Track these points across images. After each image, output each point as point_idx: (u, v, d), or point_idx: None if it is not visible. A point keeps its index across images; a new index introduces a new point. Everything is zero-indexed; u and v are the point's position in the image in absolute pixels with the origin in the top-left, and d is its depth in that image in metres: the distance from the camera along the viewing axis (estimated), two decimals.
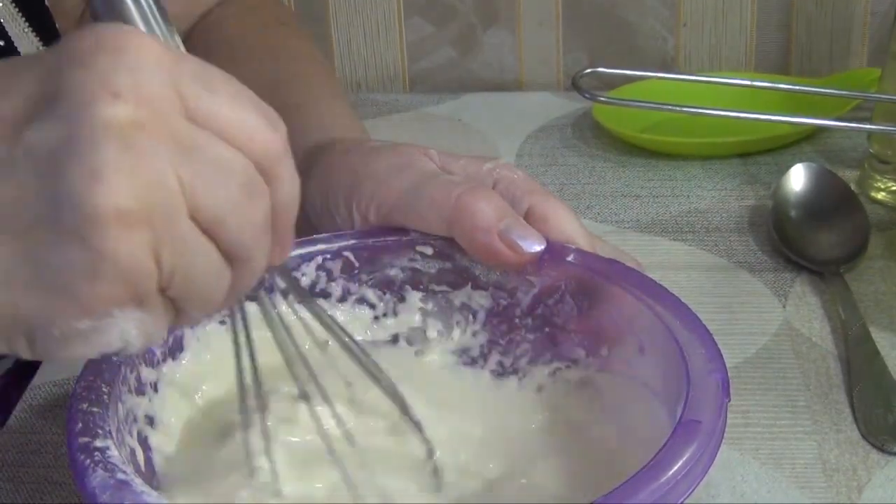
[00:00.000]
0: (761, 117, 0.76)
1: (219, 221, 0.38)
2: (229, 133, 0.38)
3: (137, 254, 0.37)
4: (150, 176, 0.36)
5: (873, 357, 0.61)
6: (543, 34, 1.02)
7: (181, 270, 0.38)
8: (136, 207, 0.36)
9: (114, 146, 0.36)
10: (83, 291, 0.37)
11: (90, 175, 0.36)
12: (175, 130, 0.37)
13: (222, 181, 0.38)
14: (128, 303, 0.38)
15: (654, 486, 0.40)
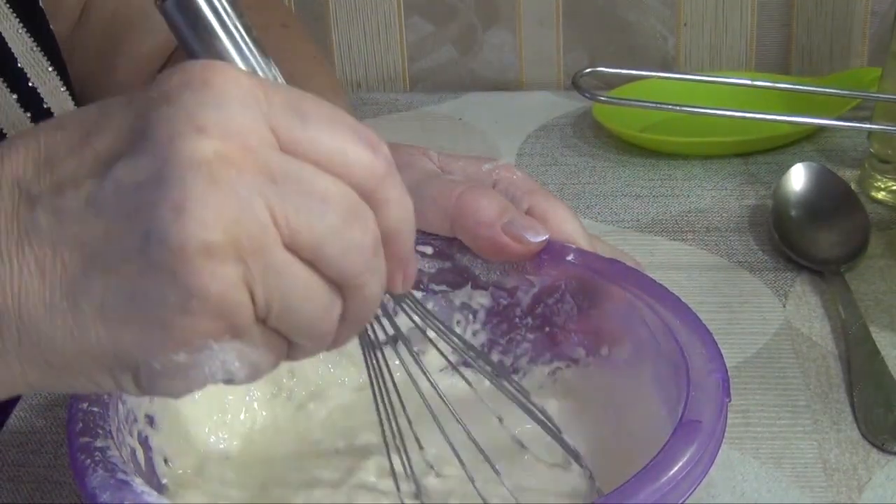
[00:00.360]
0: (761, 117, 0.76)
1: (317, 249, 0.38)
2: (326, 161, 0.38)
3: (227, 287, 0.36)
4: (237, 208, 0.36)
5: (873, 356, 0.61)
6: (544, 34, 1.02)
7: (278, 301, 0.38)
8: (223, 241, 0.36)
9: (199, 181, 0.36)
10: (176, 325, 0.37)
11: (175, 209, 0.36)
12: (265, 163, 0.37)
13: (318, 209, 0.37)
14: (224, 335, 0.38)
15: (655, 487, 0.40)
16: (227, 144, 0.36)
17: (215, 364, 0.38)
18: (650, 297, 0.50)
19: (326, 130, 0.38)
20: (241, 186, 0.36)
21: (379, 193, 0.39)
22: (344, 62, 1.04)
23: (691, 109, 0.70)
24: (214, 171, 0.36)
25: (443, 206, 0.53)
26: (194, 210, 0.36)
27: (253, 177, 0.37)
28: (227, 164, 0.36)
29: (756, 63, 1.01)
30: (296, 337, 0.39)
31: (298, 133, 0.38)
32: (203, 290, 0.36)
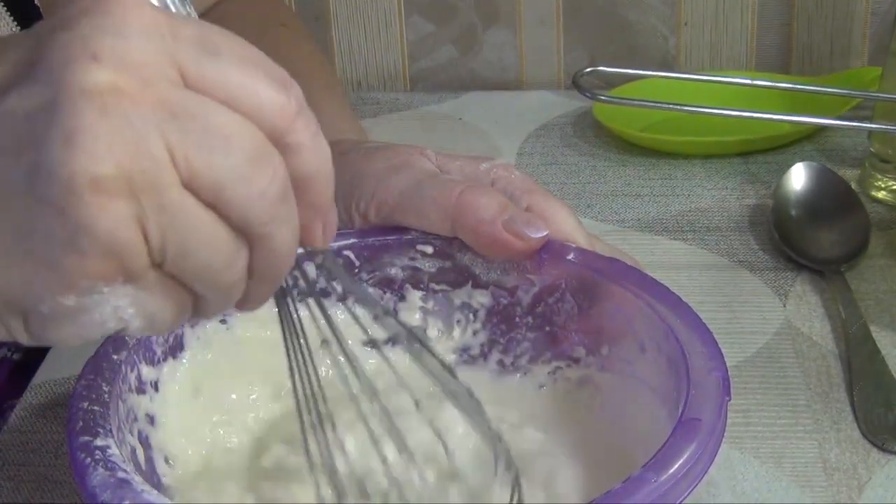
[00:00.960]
0: (762, 116, 0.76)
1: (219, 191, 0.36)
2: (234, 98, 0.36)
3: (118, 224, 0.35)
4: (131, 142, 0.34)
5: (874, 356, 0.61)
6: (544, 33, 1.02)
7: (174, 244, 0.36)
8: (114, 174, 0.34)
9: (91, 111, 0.34)
10: (64, 264, 0.35)
11: (65, 140, 0.34)
12: (164, 97, 0.35)
13: (221, 148, 0.35)
14: (116, 278, 0.36)
15: (655, 485, 0.40)
16: (122, 74, 0.35)
17: (106, 310, 0.36)
18: (650, 297, 0.50)
19: (236, 67, 0.37)
20: (136, 119, 0.34)
21: (290, 136, 0.37)
22: (344, 61, 1.04)
23: (692, 109, 0.70)
24: (107, 102, 0.34)
25: (443, 206, 0.53)
26: (84, 141, 0.34)
27: (150, 110, 0.35)
28: (122, 95, 0.34)
29: (756, 62, 1.01)
30: (198, 286, 0.37)
31: (205, 69, 0.36)
32: (91, 225, 0.34)
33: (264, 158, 0.36)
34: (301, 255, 0.41)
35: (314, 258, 0.44)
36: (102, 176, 0.34)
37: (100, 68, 0.35)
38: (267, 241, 0.37)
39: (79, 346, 0.38)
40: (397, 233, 0.55)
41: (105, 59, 0.35)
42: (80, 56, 0.35)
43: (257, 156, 0.36)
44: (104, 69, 0.35)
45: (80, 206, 0.34)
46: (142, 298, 0.37)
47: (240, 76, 0.37)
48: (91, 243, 0.35)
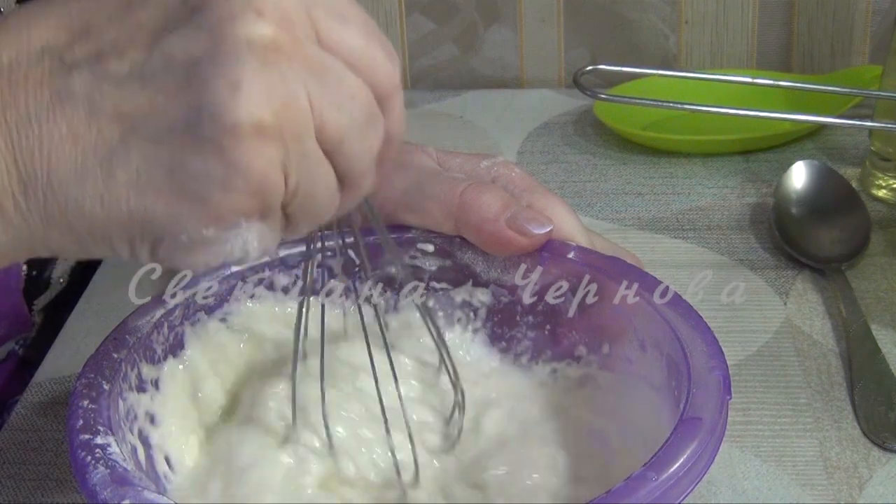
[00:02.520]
0: (763, 115, 0.76)
1: (340, 144, 0.39)
2: (355, 61, 0.40)
3: (270, 168, 0.38)
4: (286, 94, 0.37)
5: (874, 354, 0.61)
6: (545, 31, 1.02)
7: (303, 188, 0.39)
8: (272, 122, 0.37)
9: (254, 62, 0.37)
10: (215, 200, 0.38)
11: (231, 87, 0.37)
12: (308, 54, 0.38)
13: (347, 106, 0.39)
14: (255, 214, 0.39)
15: (656, 484, 0.40)
16: (280, 31, 0.38)
17: (237, 242, 0.39)
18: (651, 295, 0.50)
19: (360, 34, 0.40)
20: (289, 72, 0.38)
21: (390, 101, 0.42)
22: None
23: (692, 107, 0.70)
24: (269, 55, 0.37)
25: (446, 204, 0.53)
26: (250, 89, 0.37)
27: (299, 65, 0.38)
28: (279, 50, 0.38)
29: (757, 61, 1.01)
30: (300, 221, 0.41)
31: (335, 32, 0.39)
32: (249, 167, 0.37)
33: (375, 119, 0.41)
34: None
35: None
36: (263, 122, 0.37)
37: (264, 23, 0.37)
38: (356, 189, 0.42)
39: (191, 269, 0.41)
40: (398, 231, 0.55)
41: (267, 15, 0.38)
42: (246, 10, 0.38)
43: (371, 116, 0.40)
44: (267, 24, 0.38)
45: (241, 147, 0.37)
46: (265, 233, 0.40)
47: (362, 42, 0.40)
48: (245, 182, 0.38)
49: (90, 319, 0.69)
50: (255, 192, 0.38)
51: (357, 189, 0.42)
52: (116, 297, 0.70)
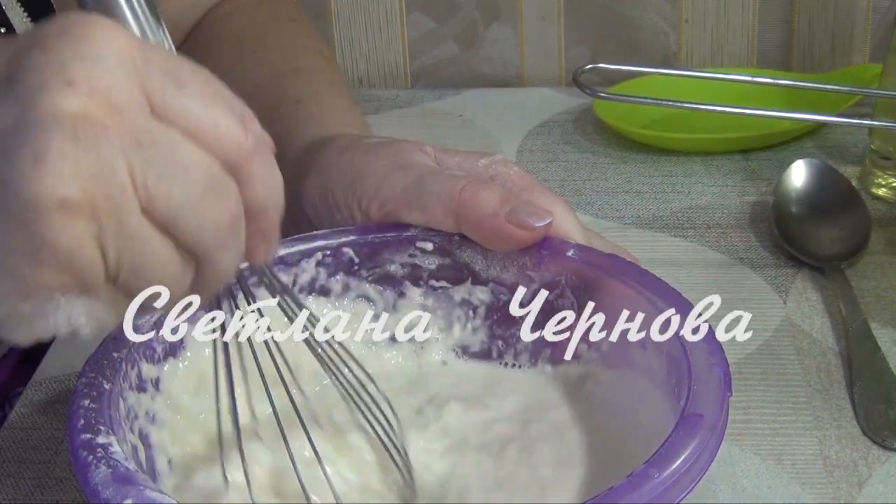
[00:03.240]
0: (763, 113, 0.76)
1: (174, 219, 0.37)
2: (195, 131, 0.38)
3: (79, 243, 0.36)
4: (97, 167, 0.36)
5: (874, 353, 0.61)
6: (545, 30, 1.02)
7: (128, 264, 0.38)
8: (78, 197, 0.36)
9: (61, 134, 0.35)
10: (23, 274, 0.37)
11: (33, 160, 0.35)
12: (131, 125, 0.36)
13: (179, 179, 0.37)
14: (72, 289, 0.37)
15: (658, 481, 0.40)
16: (94, 101, 0.36)
17: (61, 317, 0.38)
18: (651, 293, 0.50)
19: (200, 100, 0.38)
20: (103, 144, 0.36)
21: (245, 169, 0.39)
22: (345, 58, 1.04)
23: (692, 106, 0.70)
24: (78, 127, 0.36)
25: (447, 202, 0.53)
26: (53, 162, 0.35)
27: (117, 137, 0.36)
28: (92, 121, 0.36)
29: (757, 59, 1.01)
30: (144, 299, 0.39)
31: (172, 99, 0.37)
32: (53, 243, 0.36)
33: (219, 190, 0.38)
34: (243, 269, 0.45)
35: (255, 272, 0.47)
36: (68, 198, 0.35)
37: (73, 94, 0.36)
38: (213, 264, 0.39)
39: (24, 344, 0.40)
40: (397, 230, 0.55)
41: (79, 86, 0.36)
42: (55, 81, 0.36)
43: (213, 187, 0.38)
44: (77, 95, 0.36)
45: (45, 223, 0.36)
46: (93, 307, 0.39)
47: (202, 109, 0.38)
48: (51, 258, 0.36)
49: None
50: (65, 267, 0.37)
51: (213, 265, 0.39)
52: None
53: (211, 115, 0.38)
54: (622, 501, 0.39)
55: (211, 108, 0.38)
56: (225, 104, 0.39)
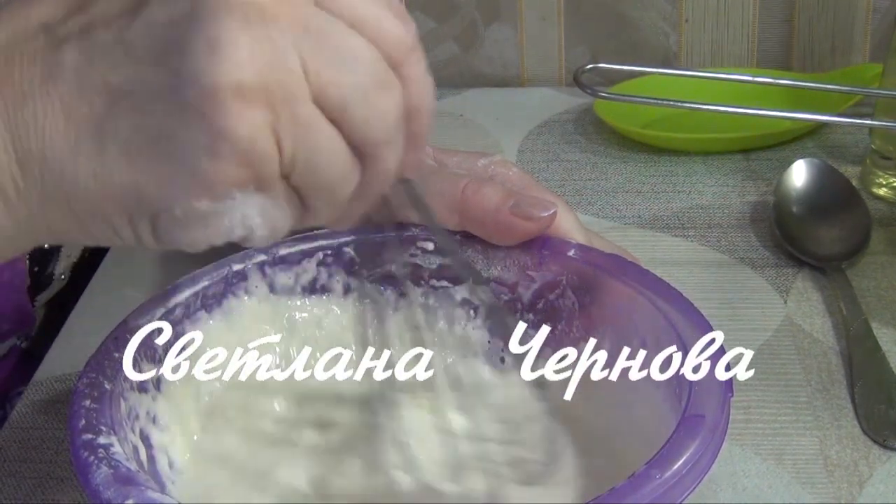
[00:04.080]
0: (763, 113, 0.76)
1: (344, 109, 0.37)
2: (360, 23, 0.38)
3: (256, 132, 0.36)
4: (271, 54, 0.36)
5: (875, 353, 0.61)
6: (545, 29, 1.02)
7: (303, 156, 0.37)
8: (254, 84, 0.36)
9: (235, 21, 0.35)
10: (203, 168, 0.36)
11: (209, 48, 0.35)
12: (300, 13, 0.37)
13: (349, 68, 0.37)
14: (249, 184, 0.37)
15: (659, 482, 0.40)
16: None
17: (236, 216, 0.38)
18: (652, 293, 0.50)
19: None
20: (275, 32, 0.36)
21: (405, 68, 0.39)
22: None
23: (693, 106, 0.70)
24: (250, 14, 0.36)
25: (450, 200, 0.53)
26: (228, 49, 0.35)
27: (287, 25, 0.36)
28: (263, 8, 0.36)
29: (758, 59, 1.01)
30: (314, 198, 0.39)
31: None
32: (232, 131, 0.36)
33: (386, 82, 0.38)
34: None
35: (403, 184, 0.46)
36: (244, 83, 0.35)
37: None
38: (377, 162, 0.39)
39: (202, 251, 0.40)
40: (398, 229, 0.55)
41: None
42: None
43: (380, 79, 0.38)
44: None
45: (223, 111, 0.35)
46: (268, 207, 0.38)
47: (368, 4, 0.38)
48: (230, 149, 0.36)
49: (91, 318, 0.69)
50: (244, 159, 0.36)
51: (379, 163, 0.39)
52: (117, 296, 0.70)
53: (374, 10, 0.38)
54: (623, 502, 0.39)
55: (374, 3, 0.38)
56: (386, 1, 0.39)
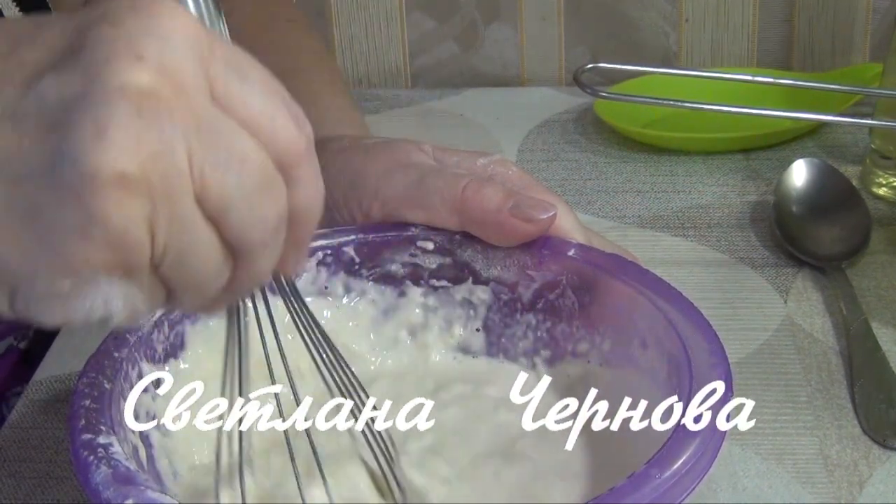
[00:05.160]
0: (763, 113, 0.76)
1: (225, 210, 0.37)
2: (253, 124, 0.37)
3: (131, 222, 0.35)
4: (158, 146, 0.35)
5: (875, 352, 0.61)
6: (545, 29, 1.02)
7: (175, 250, 0.37)
8: (137, 174, 0.35)
9: (126, 109, 0.35)
10: (70, 250, 0.36)
11: (96, 133, 0.35)
12: (194, 109, 0.36)
13: (235, 169, 0.37)
14: (115, 270, 0.37)
15: (659, 481, 0.40)
16: (162, 79, 0.35)
17: (98, 299, 0.37)
18: (652, 292, 0.50)
19: (260, 94, 0.38)
20: (166, 124, 0.35)
21: (295, 170, 0.38)
22: (345, 58, 1.04)
23: (693, 105, 0.70)
24: (143, 103, 0.35)
25: (450, 200, 0.53)
26: (115, 135, 0.34)
27: (180, 119, 0.35)
28: (158, 99, 0.35)
29: (758, 59, 1.01)
30: (180, 291, 0.39)
31: (233, 89, 0.37)
32: (107, 218, 0.35)
33: (272, 186, 0.38)
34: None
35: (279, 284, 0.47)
36: (127, 173, 0.35)
37: (143, 69, 0.35)
38: (252, 264, 0.39)
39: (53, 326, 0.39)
40: (397, 229, 0.55)
41: (149, 61, 0.35)
42: (125, 54, 0.35)
43: (266, 182, 0.37)
44: (146, 71, 0.35)
45: (100, 197, 0.35)
46: (132, 294, 0.38)
47: (262, 103, 0.38)
48: (102, 234, 0.35)
49: None
50: (114, 246, 0.36)
51: (253, 264, 0.39)
52: None
53: (269, 111, 0.38)
54: (623, 502, 0.39)
55: (270, 103, 0.38)
56: (283, 102, 0.38)
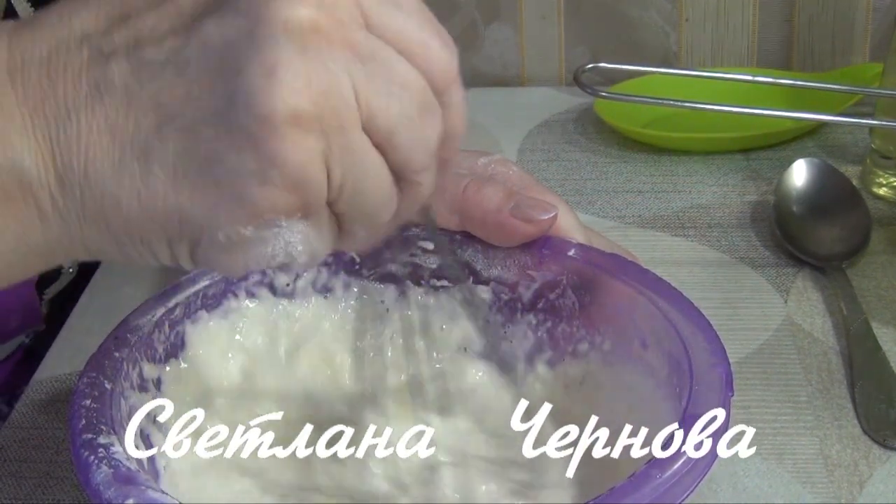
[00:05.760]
0: (763, 112, 0.76)
1: (392, 136, 0.37)
2: (409, 50, 0.37)
3: (309, 160, 0.36)
4: (326, 81, 0.35)
5: (875, 352, 0.61)
6: (545, 29, 1.02)
7: (351, 183, 0.37)
8: (311, 111, 0.35)
9: (291, 47, 0.35)
10: (251, 195, 0.36)
11: (266, 73, 0.35)
12: (353, 39, 0.36)
13: (398, 96, 0.37)
14: (295, 212, 0.37)
15: (659, 481, 0.40)
16: (321, 14, 0.36)
17: (279, 244, 0.37)
18: (652, 292, 0.50)
19: (415, 21, 0.38)
20: (330, 59, 0.36)
21: (447, 95, 0.39)
22: None
23: (693, 105, 0.70)
24: (307, 39, 0.35)
25: (450, 200, 0.53)
26: (286, 75, 0.35)
27: (342, 51, 0.36)
28: (320, 34, 0.35)
29: (758, 59, 1.01)
30: (355, 223, 0.39)
31: (388, 17, 0.37)
32: (285, 159, 0.35)
33: (432, 109, 0.38)
34: None
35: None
36: (300, 111, 0.35)
37: (302, 5, 0.35)
38: (415, 188, 0.39)
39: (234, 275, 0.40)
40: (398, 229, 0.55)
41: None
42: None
43: (426, 106, 0.38)
44: (306, 6, 0.35)
45: (276, 138, 0.35)
46: (311, 235, 0.38)
47: (416, 30, 0.38)
48: (281, 176, 0.36)
49: (91, 317, 0.69)
50: (294, 186, 0.36)
51: (417, 188, 0.39)
52: (118, 296, 0.70)
53: (423, 38, 0.38)
54: (624, 502, 0.39)
55: (423, 30, 0.38)
56: (436, 28, 0.39)
